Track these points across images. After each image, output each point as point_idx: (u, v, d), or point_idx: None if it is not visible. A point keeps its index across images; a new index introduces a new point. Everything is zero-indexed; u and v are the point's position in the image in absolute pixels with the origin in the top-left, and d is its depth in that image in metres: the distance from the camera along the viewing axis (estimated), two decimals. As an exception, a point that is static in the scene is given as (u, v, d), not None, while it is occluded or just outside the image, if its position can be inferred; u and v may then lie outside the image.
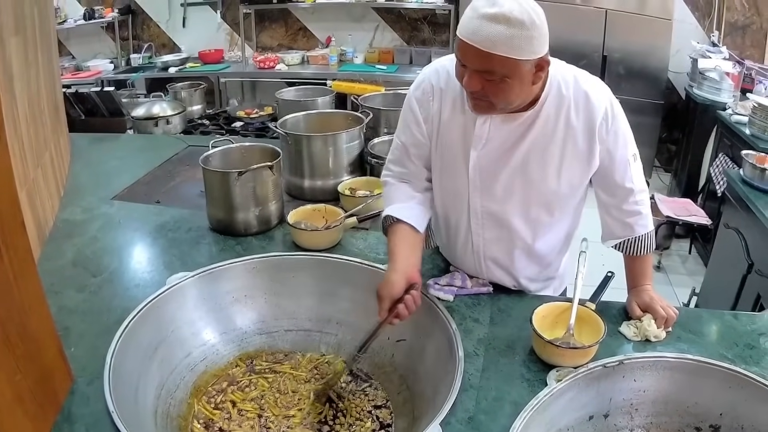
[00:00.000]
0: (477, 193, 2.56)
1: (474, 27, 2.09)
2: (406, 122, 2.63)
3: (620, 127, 2.42)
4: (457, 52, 2.21)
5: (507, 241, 2.67)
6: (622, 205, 2.54)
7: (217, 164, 3.25)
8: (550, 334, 2.31)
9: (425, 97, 2.56)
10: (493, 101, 2.25)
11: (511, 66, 2.13)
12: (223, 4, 9.90)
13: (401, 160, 2.68)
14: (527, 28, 2.07)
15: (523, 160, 2.46)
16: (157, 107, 5.27)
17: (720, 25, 8.60)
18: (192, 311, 2.45)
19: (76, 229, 3.28)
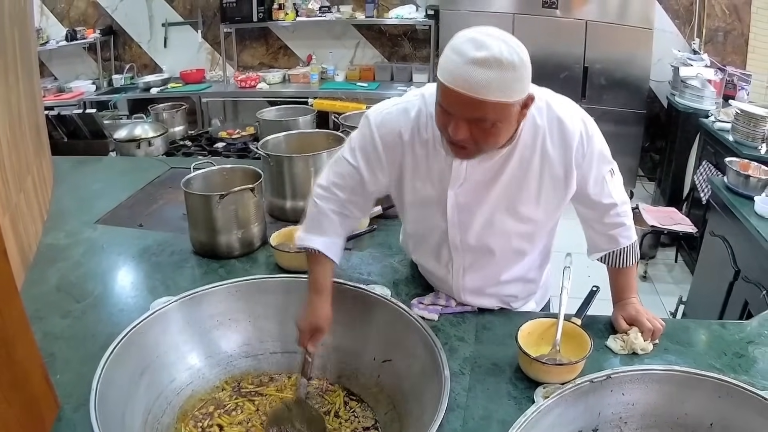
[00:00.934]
0: (456, 229, 2.52)
1: (464, 74, 1.97)
2: (366, 155, 2.47)
3: (595, 147, 2.37)
4: (442, 99, 2.08)
5: (488, 268, 2.64)
6: (603, 218, 2.52)
7: (198, 187, 3.23)
8: (536, 350, 2.30)
9: (392, 140, 2.42)
10: (478, 147, 2.17)
11: (503, 110, 2.04)
12: (204, 24, 9.93)
13: (354, 189, 2.53)
14: (518, 69, 1.99)
15: (501, 194, 2.42)
16: (139, 129, 5.27)
17: (701, 33, 8.65)
18: (177, 336, 2.43)
19: (59, 254, 3.26)
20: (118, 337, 2.21)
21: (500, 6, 8.42)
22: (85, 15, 10.13)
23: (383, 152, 2.43)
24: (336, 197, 2.53)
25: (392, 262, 3.09)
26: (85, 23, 10.07)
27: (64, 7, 10.10)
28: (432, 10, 8.99)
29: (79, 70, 10.40)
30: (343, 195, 2.53)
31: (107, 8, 10.08)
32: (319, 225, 2.55)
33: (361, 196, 2.54)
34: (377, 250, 3.20)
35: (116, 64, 10.34)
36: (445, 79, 2.02)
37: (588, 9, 8.21)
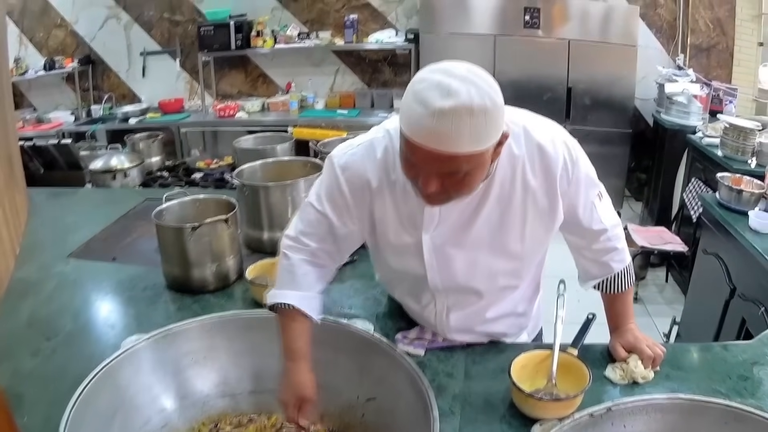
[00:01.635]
0: (435, 273, 2.35)
1: (429, 127, 1.77)
2: (333, 200, 2.30)
3: (581, 172, 2.20)
4: (408, 153, 1.90)
5: (473, 307, 2.49)
6: (593, 245, 2.39)
7: (171, 219, 3.13)
8: (531, 385, 2.19)
9: (360, 185, 2.26)
10: (451, 197, 2.01)
11: (477, 159, 1.86)
12: (182, 53, 9.88)
13: (324, 237, 2.36)
14: (490, 113, 1.79)
15: (481, 233, 2.24)
16: (115, 160, 5.16)
17: (685, 48, 8.70)
18: (149, 375, 2.31)
19: (31, 288, 3.18)
20: (86, 379, 2.10)
21: (481, 28, 8.39)
22: (64, 44, 10.12)
23: (351, 198, 2.27)
24: (306, 247, 2.37)
25: (375, 294, 2.98)
26: (64, 53, 10.06)
27: (42, 36, 10.09)
28: (412, 34, 8.97)
29: (58, 101, 10.35)
30: (313, 244, 2.36)
31: (85, 37, 10.07)
32: (291, 278, 2.36)
33: (332, 243, 2.38)
34: (359, 281, 3.09)
35: (95, 94, 10.28)
36: (410, 132, 1.83)
37: (570, 28, 8.22)
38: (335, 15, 9.54)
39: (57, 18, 9.98)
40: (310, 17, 9.62)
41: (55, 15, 9.96)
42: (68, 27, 10.02)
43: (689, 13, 8.66)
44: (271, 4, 9.59)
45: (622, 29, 8.20)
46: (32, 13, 9.96)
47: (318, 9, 9.56)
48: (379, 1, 9.45)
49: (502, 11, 8.33)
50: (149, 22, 9.93)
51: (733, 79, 8.58)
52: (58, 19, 9.98)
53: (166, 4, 9.81)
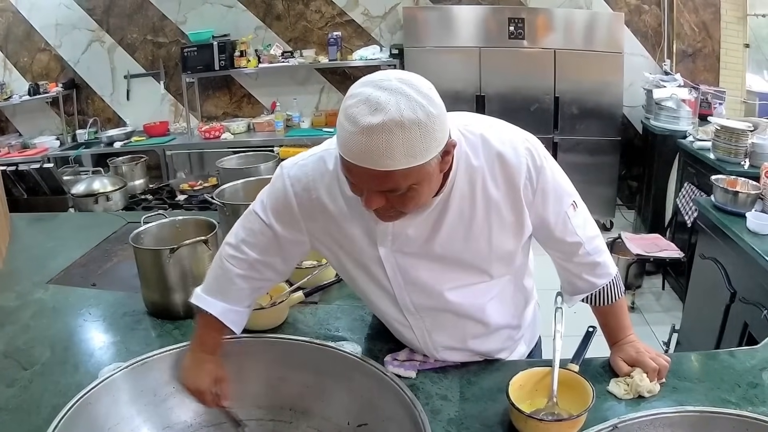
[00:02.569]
0: (403, 292, 2.25)
1: (360, 146, 1.71)
2: (279, 211, 2.24)
3: (548, 182, 2.09)
4: (348, 174, 1.85)
5: (454, 327, 2.37)
6: (573, 258, 2.28)
7: (149, 242, 3.05)
8: (531, 405, 2.12)
9: (308, 199, 2.18)
10: (400, 211, 1.93)
11: (417, 173, 1.78)
12: (166, 75, 9.83)
13: (267, 248, 2.29)
14: (424, 124, 1.72)
15: (443, 247, 2.14)
16: (97, 183, 5.10)
17: (671, 53, 8.72)
18: (128, 406, 2.23)
19: (8, 317, 3.10)
20: (62, 411, 2.01)
21: (465, 40, 8.40)
22: (48, 68, 10.09)
23: (299, 212, 2.21)
24: (245, 257, 2.30)
25: (363, 315, 2.89)
26: (48, 77, 10.03)
27: (26, 61, 10.07)
28: (396, 49, 8.98)
29: (43, 126, 10.32)
30: (253, 254, 2.29)
31: (69, 61, 10.04)
32: (220, 288, 2.32)
33: (276, 256, 2.31)
34: (346, 302, 3.01)
35: (80, 118, 10.24)
36: (343, 151, 1.78)
37: (555, 38, 8.24)
38: (318, 33, 9.55)
39: (41, 42, 9.97)
40: (294, 36, 9.63)
41: (39, 39, 9.95)
42: (52, 51, 10.01)
43: (674, 17, 8.69)
44: (254, 24, 9.60)
45: (607, 37, 8.22)
46: (16, 37, 9.95)
47: (301, 27, 9.57)
48: (363, 18, 9.46)
49: (486, 23, 8.33)
50: (133, 45, 9.92)
51: (721, 82, 8.62)
52: (42, 44, 9.97)
53: (149, 26, 9.79)
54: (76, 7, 9.73)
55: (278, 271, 2.36)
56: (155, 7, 9.68)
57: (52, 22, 9.85)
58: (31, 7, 9.79)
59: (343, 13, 9.48)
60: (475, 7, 8.65)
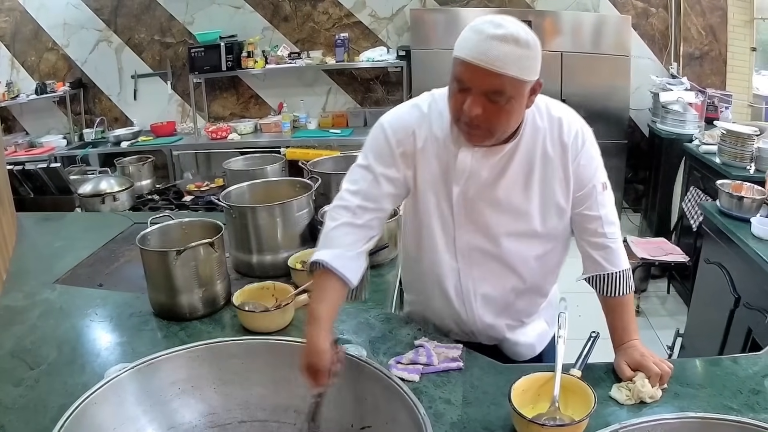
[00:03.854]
0: (462, 229, 2.55)
1: (483, 48, 2.10)
2: (378, 152, 2.53)
3: (590, 151, 2.49)
4: (461, 75, 2.19)
5: (500, 278, 2.64)
6: (588, 235, 2.55)
7: (156, 243, 3.05)
8: (533, 410, 2.12)
9: (405, 133, 2.51)
10: (491, 128, 2.27)
11: (518, 87, 2.18)
12: (174, 75, 9.85)
13: (367, 192, 2.51)
14: (532, 48, 2.15)
15: (506, 193, 2.48)
16: (104, 183, 5.09)
17: (678, 57, 8.72)
18: (134, 407, 2.21)
19: (16, 316, 3.10)
20: (68, 411, 1.99)
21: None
22: (56, 68, 10.10)
23: (396, 146, 2.50)
24: (347, 204, 2.51)
25: (368, 318, 2.91)
26: (55, 76, 10.04)
27: (34, 60, 10.08)
28: (403, 51, 8.96)
29: (50, 125, 10.32)
30: (355, 200, 2.50)
31: (77, 61, 10.05)
32: (328, 240, 2.48)
33: (373, 200, 2.50)
34: (350, 304, 2.97)
35: (87, 117, 10.24)
36: (464, 54, 2.15)
37: (562, 40, 8.23)
38: (326, 34, 9.55)
39: (48, 42, 9.97)
40: (301, 37, 9.63)
41: (47, 39, 9.96)
42: (59, 50, 10.02)
43: (681, 21, 8.67)
44: (261, 25, 9.60)
45: (614, 40, 8.21)
46: (24, 36, 9.96)
47: (309, 28, 9.57)
48: (370, 19, 9.46)
49: (493, 26, 8.29)
50: (140, 45, 9.92)
51: (728, 86, 8.60)
52: (50, 43, 9.98)
53: (156, 26, 9.80)
54: (83, 6, 9.74)
55: (376, 217, 2.53)
56: (163, 8, 9.69)
57: (59, 22, 9.86)
58: (39, 7, 9.80)
59: (350, 14, 9.47)
60: (483, 10, 8.66)
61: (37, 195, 5.33)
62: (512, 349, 2.85)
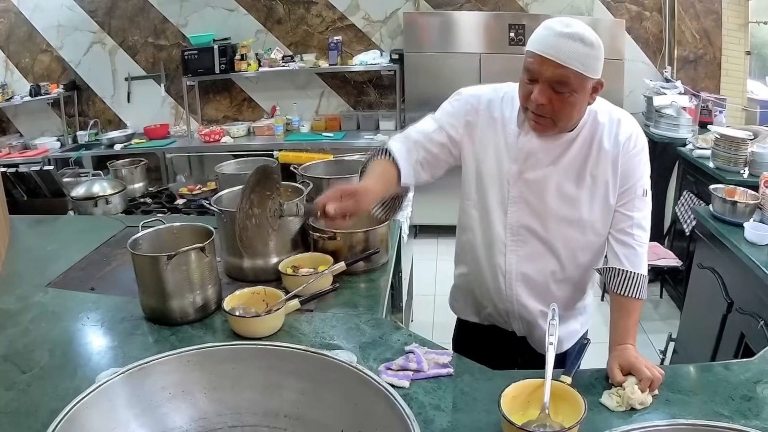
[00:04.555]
0: (515, 206, 2.78)
1: (552, 43, 2.40)
2: (449, 109, 2.90)
3: (641, 155, 2.69)
4: (530, 65, 2.48)
5: (542, 260, 2.84)
6: (617, 231, 2.71)
7: (146, 248, 3.03)
8: (523, 416, 2.11)
9: (475, 102, 2.85)
10: (555, 117, 2.52)
11: (581, 82, 2.44)
12: (167, 77, 9.84)
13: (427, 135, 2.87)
14: (596, 48, 2.43)
15: (559, 178, 2.70)
16: (97, 186, 5.08)
17: (672, 60, 8.73)
18: (125, 411, 2.19)
19: (9, 320, 3.09)
20: (58, 416, 1.97)
21: (466, 47, 8.41)
22: (49, 70, 10.10)
23: (465, 114, 2.85)
24: (407, 136, 2.90)
25: (358, 323, 2.90)
26: (49, 78, 10.02)
27: (28, 62, 10.07)
28: (396, 54, 8.96)
29: (44, 127, 10.30)
30: (416, 136, 2.88)
31: (71, 63, 10.05)
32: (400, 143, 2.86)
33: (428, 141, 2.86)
34: (341, 310, 3.01)
35: (81, 120, 10.23)
36: (535, 48, 2.45)
37: (556, 44, 8.15)
38: (319, 37, 9.55)
39: (42, 43, 9.97)
40: (294, 40, 9.64)
41: (41, 40, 9.96)
42: (54, 52, 10.01)
43: (675, 24, 8.69)
44: (255, 27, 9.60)
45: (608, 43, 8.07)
46: (18, 38, 9.95)
47: (302, 31, 9.58)
48: (363, 22, 9.46)
49: (486, 29, 8.32)
50: (134, 47, 9.92)
51: (722, 90, 8.62)
52: (44, 45, 9.98)
53: (150, 28, 9.80)
54: (78, 8, 9.74)
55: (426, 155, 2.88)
56: (157, 10, 9.69)
57: (54, 24, 9.86)
58: (33, 8, 9.80)
59: (343, 17, 9.48)
60: (476, 13, 8.68)
61: (30, 197, 5.32)
62: (541, 340, 2.83)
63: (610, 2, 8.93)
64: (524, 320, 2.96)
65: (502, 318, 3.02)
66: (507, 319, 3.01)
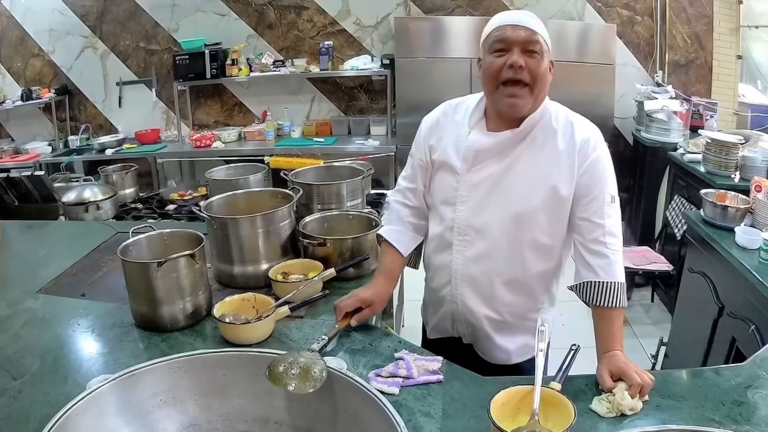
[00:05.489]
0: (463, 206, 2.79)
1: (514, 16, 2.62)
2: (418, 144, 3.01)
3: (599, 163, 2.65)
4: (499, 37, 2.60)
5: (486, 260, 2.80)
6: (588, 242, 2.67)
7: (137, 254, 3.03)
8: (513, 423, 2.09)
9: (434, 122, 2.96)
10: (533, 82, 2.58)
11: (545, 48, 2.60)
12: (158, 82, 9.84)
13: (412, 178, 3.06)
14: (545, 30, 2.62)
15: (507, 174, 2.71)
16: (88, 192, 5.07)
17: (663, 65, 8.73)
18: (115, 418, 2.21)
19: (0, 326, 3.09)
20: (49, 423, 1.99)
21: (457, 52, 8.38)
22: (41, 74, 10.11)
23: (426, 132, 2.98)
24: (400, 188, 3.14)
25: (348, 330, 2.88)
26: (41, 83, 10.04)
27: (20, 66, 10.08)
28: (387, 59, 8.96)
29: (36, 131, 10.30)
30: (404, 183, 3.10)
31: (62, 67, 10.06)
32: (388, 217, 3.18)
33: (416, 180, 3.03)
34: (331, 316, 2.98)
35: (72, 124, 10.24)
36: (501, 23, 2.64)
37: (547, 49, 8.16)
38: (310, 42, 9.56)
39: (34, 47, 9.98)
40: (285, 45, 9.64)
41: (33, 44, 9.96)
42: (45, 57, 10.02)
43: (667, 29, 8.70)
44: (246, 32, 9.61)
45: (599, 48, 8.23)
46: (9, 42, 9.97)
47: (293, 36, 9.58)
48: (355, 27, 9.48)
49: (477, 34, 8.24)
50: (125, 52, 9.93)
51: (713, 94, 8.64)
52: (36, 49, 9.99)
53: (141, 33, 9.81)
54: (69, 13, 9.74)
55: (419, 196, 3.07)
56: (148, 15, 9.69)
57: (45, 28, 9.86)
58: (25, 12, 9.81)
59: (335, 22, 9.48)
60: (467, 18, 8.69)
61: (21, 203, 5.31)
62: (487, 349, 2.95)
63: (601, 7, 8.94)
64: (470, 324, 2.94)
65: (449, 322, 3.02)
66: (453, 323, 3.01)
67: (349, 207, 4.10)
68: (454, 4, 9.17)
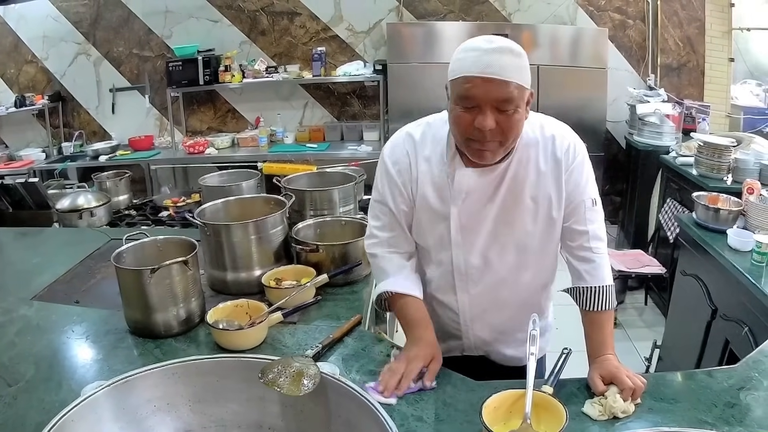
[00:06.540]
0: (459, 249, 2.68)
1: (486, 61, 2.26)
2: (390, 189, 2.72)
3: (582, 165, 2.58)
4: (467, 92, 2.32)
5: (493, 293, 2.77)
6: (574, 248, 2.64)
7: (131, 261, 3.04)
8: (505, 427, 2.11)
9: (403, 163, 2.69)
10: (504, 139, 2.38)
11: (522, 95, 2.33)
12: (151, 89, 9.83)
13: (391, 226, 2.78)
14: (523, 57, 2.32)
15: (500, 209, 2.59)
16: (81, 198, 5.08)
17: (656, 68, 8.76)
18: (110, 424, 2.20)
19: (-6, 333, 3.07)
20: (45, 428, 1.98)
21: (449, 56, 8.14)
22: (35, 80, 10.12)
23: (397, 176, 2.69)
24: (380, 240, 2.82)
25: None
26: (34, 89, 10.05)
27: (13, 73, 10.09)
28: (380, 65, 8.98)
29: (30, 138, 10.31)
30: (385, 234, 2.80)
31: (56, 73, 10.07)
32: (381, 271, 2.82)
33: (399, 228, 2.78)
34: (324, 322, 3.02)
35: (66, 131, 10.23)
36: (470, 72, 2.29)
37: (539, 53, 8.24)
38: (303, 48, 9.58)
39: (28, 54, 9.99)
40: (278, 51, 9.66)
41: (26, 51, 9.98)
42: (39, 63, 10.03)
43: (659, 32, 8.72)
44: (239, 39, 9.63)
45: (591, 52, 8.24)
46: (3, 48, 9.98)
47: (286, 42, 9.60)
48: (347, 33, 9.50)
49: (469, 39, 8.30)
50: (118, 58, 9.93)
51: (705, 97, 8.65)
52: (29, 55, 10.00)
53: (135, 40, 9.81)
54: (63, 19, 9.75)
55: (405, 235, 2.82)
56: (141, 21, 9.69)
57: (39, 35, 9.87)
58: (18, 19, 9.81)
59: (327, 28, 9.50)
60: (460, 24, 8.72)
61: (15, 209, 5.32)
62: (497, 358, 2.95)
63: (593, 11, 8.97)
64: (480, 348, 2.96)
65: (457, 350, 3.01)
66: (462, 350, 3.00)
67: (342, 213, 4.11)
68: (446, 9, 9.20)
